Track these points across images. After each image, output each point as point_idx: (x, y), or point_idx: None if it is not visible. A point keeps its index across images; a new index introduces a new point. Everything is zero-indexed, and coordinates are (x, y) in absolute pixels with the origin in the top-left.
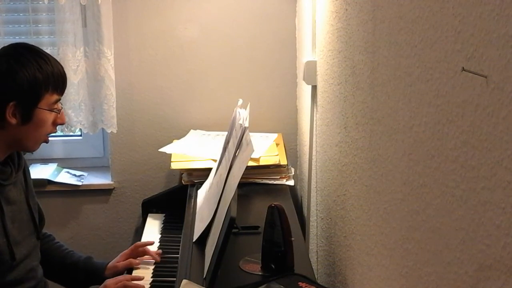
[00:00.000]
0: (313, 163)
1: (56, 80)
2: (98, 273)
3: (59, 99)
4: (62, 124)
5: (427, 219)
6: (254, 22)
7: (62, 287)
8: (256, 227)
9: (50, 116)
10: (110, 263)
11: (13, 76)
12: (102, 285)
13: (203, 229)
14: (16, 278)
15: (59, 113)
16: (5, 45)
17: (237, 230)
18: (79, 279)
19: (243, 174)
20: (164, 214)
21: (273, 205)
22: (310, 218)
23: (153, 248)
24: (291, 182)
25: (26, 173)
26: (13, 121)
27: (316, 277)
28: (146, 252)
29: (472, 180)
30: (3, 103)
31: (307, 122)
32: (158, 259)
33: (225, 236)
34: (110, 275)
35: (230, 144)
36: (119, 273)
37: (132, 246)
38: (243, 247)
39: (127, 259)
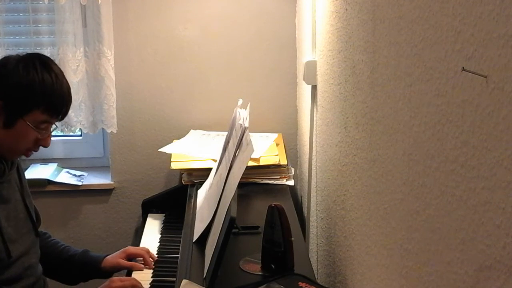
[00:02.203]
0: (313, 163)
1: (52, 102)
2: (94, 265)
3: (51, 123)
4: (44, 146)
5: (427, 219)
6: (254, 22)
7: (61, 284)
8: (256, 227)
9: (32, 133)
10: (109, 256)
11: (12, 77)
12: (107, 282)
13: (203, 229)
14: (13, 275)
15: (39, 135)
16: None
17: (237, 230)
18: (76, 273)
19: (243, 174)
20: (164, 214)
21: (273, 205)
22: (310, 218)
23: (153, 249)
24: (291, 182)
25: (20, 171)
26: None
27: (316, 277)
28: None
29: (472, 180)
30: None
31: (307, 122)
32: (151, 266)
33: (225, 236)
34: (109, 268)
35: (230, 144)
36: (121, 269)
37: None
38: (243, 247)
39: (128, 257)
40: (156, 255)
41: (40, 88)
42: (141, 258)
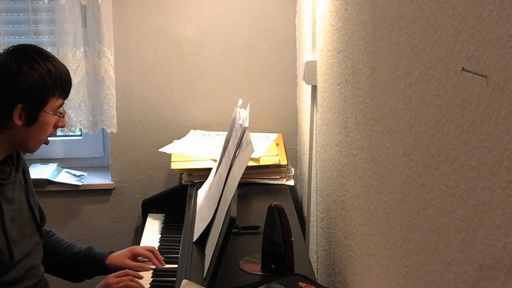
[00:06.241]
0: (313, 163)
1: (63, 84)
2: (99, 262)
3: (63, 103)
4: (63, 127)
5: (427, 219)
6: (254, 22)
7: (62, 285)
8: (256, 227)
9: (53, 119)
10: (115, 254)
11: (23, 79)
12: (104, 281)
13: (203, 229)
14: (16, 277)
15: (62, 117)
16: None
17: (237, 230)
18: (81, 270)
19: (243, 174)
20: (164, 214)
21: (273, 205)
22: (310, 218)
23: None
24: (291, 182)
25: (26, 172)
26: (19, 122)
27: (316, 277)
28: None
29: (472, 180)
30: (12, 104)
31: (307, 122)
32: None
33: (225, 236)
34: (113, 266)
35: (230, 144)
36: (126, 268)
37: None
38: (243, 247)
39: (134, 257)
40: None
41: (50, 79)
42: (147, 259)
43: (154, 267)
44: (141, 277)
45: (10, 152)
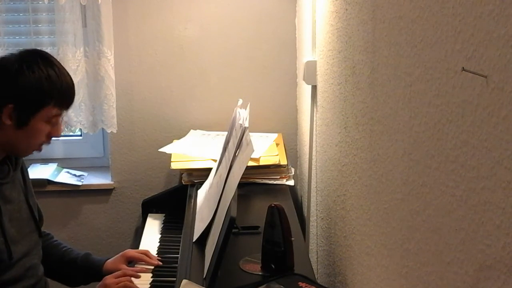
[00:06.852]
0: (313, 163)
1: (61, 95)
2: (96, 270)
3: (61, 114)
4: (56, 137)
5: (427, 219)
6: (254, 22)
7: (62, 285)
8: (256, 227)
9: (45, 128)
10: (110, 261)
11: (20, 79)
12: (101, 282)
13: (203, 229)
14: (14, 276)
15: (52, 128)
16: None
17: (237, 230)
18: (78, 277)
19: (243, 174)
20: (164, 214)
21: (273, 205)
22: (310, 218)
23: (153, 249)
24: (291, 182)
25: (25, 172)
26: (8, 122)
27: (316, 277)
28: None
29: (472, 180)
30: (2, 102)
31: (307, 122)
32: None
33: (225, 236)
34: (110, 273)
35: (230, 144)
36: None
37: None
38: (243, 247)
39: (127, 261)
40: (156, 255)
41: (48, 85)
42: (142, 262)
43: (151, 267)
44: (138, 277)
45: (5, 154)
